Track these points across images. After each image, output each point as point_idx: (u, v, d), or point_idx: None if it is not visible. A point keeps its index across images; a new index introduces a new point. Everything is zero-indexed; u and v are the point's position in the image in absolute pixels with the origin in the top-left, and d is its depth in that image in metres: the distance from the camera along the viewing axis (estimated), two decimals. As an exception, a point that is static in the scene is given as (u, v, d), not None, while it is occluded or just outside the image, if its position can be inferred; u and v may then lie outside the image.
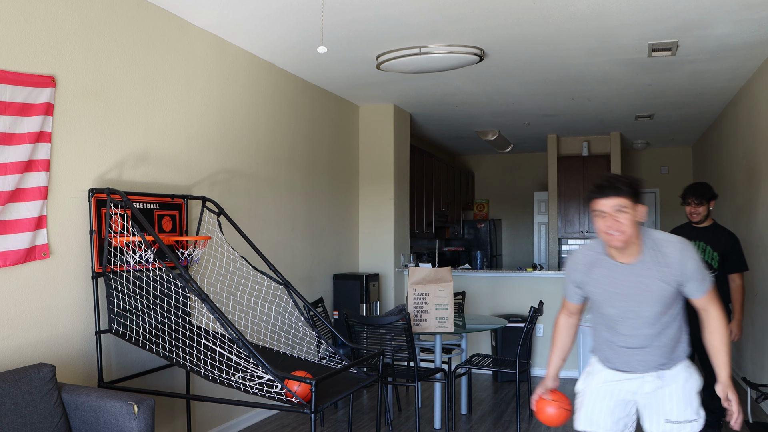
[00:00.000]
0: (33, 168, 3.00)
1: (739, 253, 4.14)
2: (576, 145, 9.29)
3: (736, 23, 4.15)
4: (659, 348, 2.42)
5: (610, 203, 2.25)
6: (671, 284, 2.32)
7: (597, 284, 2.43)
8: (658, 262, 2.32)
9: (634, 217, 2.26)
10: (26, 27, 2.99)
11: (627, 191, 2.25)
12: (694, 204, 4.19)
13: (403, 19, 4.10)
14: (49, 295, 3.10)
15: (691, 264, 2.30)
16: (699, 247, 4.20)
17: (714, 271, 4.11)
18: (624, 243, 2.26)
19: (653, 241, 2.34)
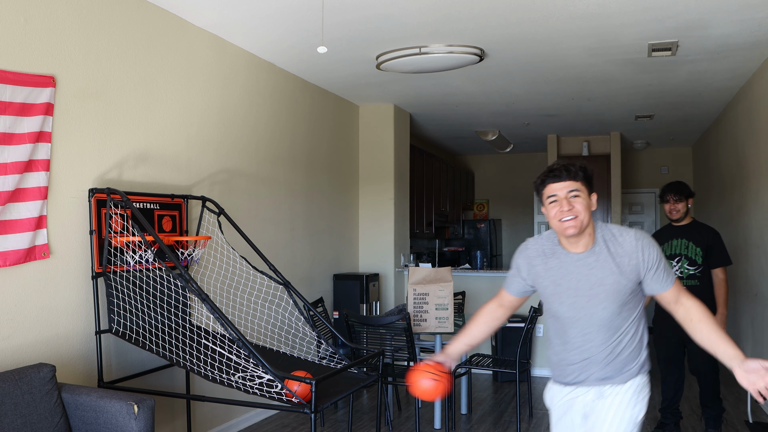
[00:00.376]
0: (33, 168, 3.00)
1: (721, 247, 4.20)
2: (576, 145, 9.29)
3: (736, 23, 4.15)
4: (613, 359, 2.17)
5: (564, 187, 2.10)
6: (628, 277, 2.11)
7: (546, 277, 2.23)
8: (612, 251, 2.13)
9: (588, 203, 2.12)
10: (26, 27, 2.99)
11: (581, 175, 2.12)
12: (674, 201, 4.25)
13: (403, 19, 4.10)
14: (49, 295, 3.10)
15: (650, 251, 2.11)
16: (681, 244, 4.26)
17: (698, 267, 4.18)
18: (578, 230, 2.09)
19: (608, 231, 2.17)
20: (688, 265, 4.22)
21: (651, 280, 2.13)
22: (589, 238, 2.15)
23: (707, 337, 2.05)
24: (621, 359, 2.18)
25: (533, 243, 2.29)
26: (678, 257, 4.26)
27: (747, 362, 1.91)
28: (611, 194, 8.90)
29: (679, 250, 4.28)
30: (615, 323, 2.16)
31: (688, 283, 4.19)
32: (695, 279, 4.19)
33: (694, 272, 4.20)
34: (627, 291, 2.12)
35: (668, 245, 4.33)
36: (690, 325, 2.11)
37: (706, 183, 8.33)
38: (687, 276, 4.21)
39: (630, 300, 2.15)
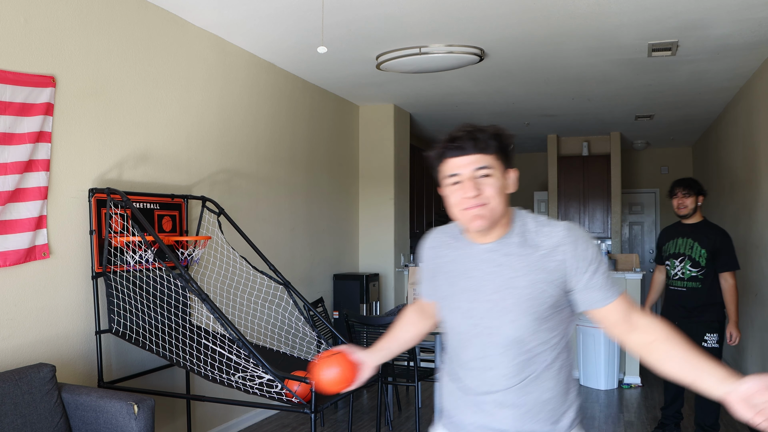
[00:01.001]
0: (33, 168, 3.00)
1: (729, 251, 4.01)
2: (576, 145, 9.29)
3: (736, 23, 4.15)
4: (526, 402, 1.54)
5: (469, 163, 1.52)
6: (550, 280, 1.52)
7: (444, 274, 1.68)
8: (532, 243, 1.56)
9: (503, 184, 1.55)
10: (26, 27, 2.99)
11: (493, 146, 1.53)
12: (681, 195, 4.09)
13: (403, 19, 4.10)
14: (49, 295, 3.10)
15: (584, 248, 1.52)
16: (686, 244, 4.09)
17: (701, 269, 4.03)
18: (488, 222, 1.53)
19: (530, 218, 1.61)
20: (690, 267, 4.08)
21: (585, 289, 1.53)
22: (503, 225, 1.59)
23: (684, 362, 1.42)
24: (540, 403, 1.55)
25: (439, 231, 1.78)
26: (681, 257, 4.12)
27: (744, 383, 1.31)
28: (611, 194, 8.90)
29: (683, 250, 4.13)
30: (528, 346, 1.54)
31: (689, 284, 4.07)
32: (697, 281, 4.05)
33: (696, 274, 4.06)
34: (547, 301, 1.53)
35: (673, 243, 4.20)
36: (654, 349, 1.48)
37: (706, 183, 8.32)
38: (688, 277, 4.08)
39: (551, 315, 1.54)
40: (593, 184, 9.01)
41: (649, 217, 9.91)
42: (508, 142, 1.57)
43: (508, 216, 1.59)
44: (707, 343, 3.97)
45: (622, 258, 6.77)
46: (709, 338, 3.98)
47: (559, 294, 1.53)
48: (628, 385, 5.99)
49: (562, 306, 1.56)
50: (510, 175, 1.58)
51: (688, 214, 4.12)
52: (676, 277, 4.16)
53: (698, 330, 4.00)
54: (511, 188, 1.58)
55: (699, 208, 4.14)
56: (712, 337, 3.97)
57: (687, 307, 4.05)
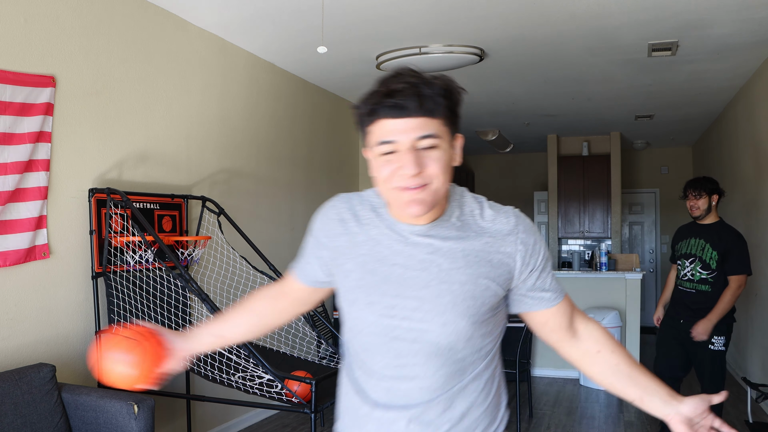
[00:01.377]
0: (33, 168, 3.00)
1: (740, 253, 3.86)
2: (576, 145, 9.29)
3: (736, 23, 4.15)
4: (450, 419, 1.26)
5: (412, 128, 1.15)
6: (495, 277, 1.24)
7: (352, 256, 1.30)
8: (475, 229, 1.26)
9: (450, 158, 1.20)
10: (26, 27, 2.99)
11: (442, 107, 1.17)
12: (693, 197, 3.97)
13: (403, 19, 4.10)
14: (49, 295, 3.10)
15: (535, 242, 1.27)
16: (698, 245, 3.98)
17: (712, 272, 3.89)
18: (428, 207, 1.19)
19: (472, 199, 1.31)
20: (700, 269, 3.95)
21: (531, 290, 1.28)
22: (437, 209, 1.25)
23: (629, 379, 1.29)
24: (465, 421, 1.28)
25: (350, 199, 1.39)
26: (692, 258, 4.00)
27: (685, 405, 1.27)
28: (611, 194, 8.90)
29: (694, 251, 4.00)
30: (459, 355, 1.25)
31: (698, 287, 3.95)
32: (707, 284, 3.92)
33: (706, 276, 3.92)
34: (489, 301, 1.24)
35: (685, 243, 4.08)
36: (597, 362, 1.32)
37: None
38: (698, 280, 3.95)
39: (489, 319, 1.27)
40: (593, 184, 9.01)
41: (649, 217, 9.91)
42: (458, 99, 1.21)
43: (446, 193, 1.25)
44: (714, 345, 3.91)
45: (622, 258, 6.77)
46: (716, 341, 3.92)
47: (501, 293, 1.26)
48: (628, 385, 5.98)
49: (500, 307, 1.30)
50: (457, 144, 1.24)
51: (701, 215, 3.99)
52: (685, 278, 4.05)
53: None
54: (458, 160, 1.24)
55: (714, 208, 4.00)
56: (719, 340, 3.92)
57: (693, 309, 3.98)
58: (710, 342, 3.91)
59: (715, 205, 4.00)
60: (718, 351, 3.93)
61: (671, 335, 4.10)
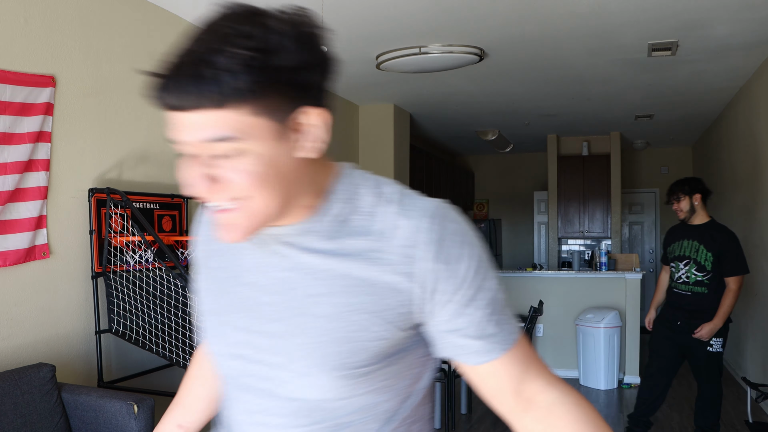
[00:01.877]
0: (33, 168, 3.00)
1: (735, 253, 3.83)
2: (576, 145, 9.29)
3: (736, 23, 4.15)
4: None
5: (193, 127, 0.79)
6: (380, 312, 0.83)
7: (206, 272, 0.97)
8: (359, 234, 0.86)
9: (277, 159, 0.80)
10: (26, 27, 2.99)
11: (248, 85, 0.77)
12: (674, 200, 3.97)
13: (403, 19, 4.10)
14: (49, 295, 3.10)
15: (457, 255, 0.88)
16: (692, 247, 3.92)
17: (707, 274, 3.86)
18: (246, 233, 0.81)
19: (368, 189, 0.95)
20: (696, 271, 3.91)
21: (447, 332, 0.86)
22: (312, 198, 0.88)
23: None
24: None
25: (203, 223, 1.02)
26: (687, 260, 3.95)
27: None
28: (611, 194, 8.90)
29: (688, 253, 3.95)
30: (339, 418, 0.85)
31: (694, 289, 3.92)
32: (703, 286, 3.88)
33: (702, 278, 3.88)
34: (370, 347, 0.83)
35: (678, 245, 4.04)
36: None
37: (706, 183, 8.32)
38: (693, 282, 3.92)
39: (380, 370, 0.85)
40: (593, 184, 9.01)
41: (649, 217, 9.92)
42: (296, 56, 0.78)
43: (324, 182, 0.90)
44: (713, 347, 3.89)
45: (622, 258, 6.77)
46: (714, 342, 3.88)
47: (395, 335, 0.83)
48: (628, 385, 5.99)
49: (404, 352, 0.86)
50: (307, 124, 0.81)
51: (687, 217, 3.99)
52: (680, 281, 4.01)
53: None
54: (311, 148, 0.82)
55: (701, 207, 3.98)
56: (717, 342, 3.88)
57: (690, 311, 3.94)
58: (708, 344, 3.88)
59: (699, 204, 3.96)
60: (716, 353, 3.90)
61: (665, 336, 4.07)
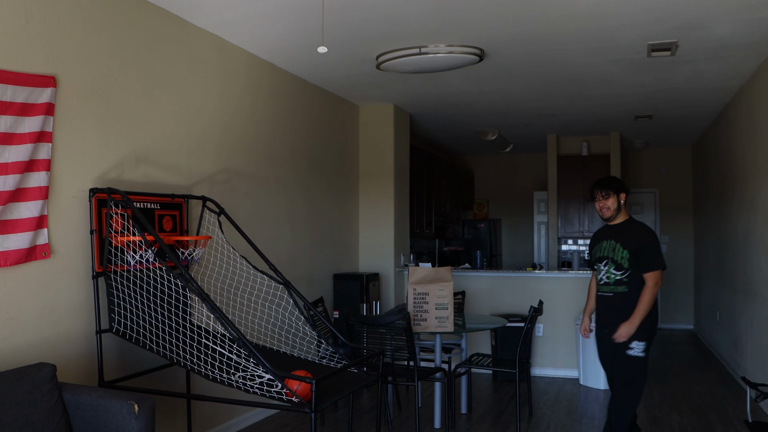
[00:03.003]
0: (34, 168, 3.00)
1: (652, 249, 3.74)
2: (576, 145, 9.29)
3: (736, 23, 4.16)
4: None
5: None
6: None
7: None
8: None
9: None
10: (27, 27, 2.99)
11: None
12: (601, 197, 3.87)
13: (403, 19, 4.11)
14: (49, 294, 3.11)
15: None
16: (610, 246, 3.87)
17: (625, 272, 3.78)
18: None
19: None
20: (614, 270, 3.82)
21: None
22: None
23: None
24: None
25: None
26: (606, 260, 3.87)
27: None
28: (611, 194, 8.88)
29: (606, 253, 3.88)
30: None
31: (616, 289, 3.83)
32: (623, 285, 3.80)
33: (621, 277, 3.80)
34: None
35: (599, 247, 3.96)
36: None
37: (706, 183, 8.33)
38: (614, 282, 3.83)
39: None
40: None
41: (649, 217, 9.92)
42: None
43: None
44: (632, 350, 3.74)
45: (621, 258, 6.76)
46: (635, 345, 3.74)
47: None
48: (628, 385, 5.99)
49: None
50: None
51: (612, 216, 3.90)
52: (602, 282, 3.93)
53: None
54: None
55: (623, 207, 3.91)
56: (638, 345, 3.74)
57: (615, 313, 3.82)
58: (628, 347, 3.74)
59: (623, 203, 3.90)
60: (636, 357, 3.75)
61: (605, 345, 3.94)
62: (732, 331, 6.54)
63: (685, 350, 8.02)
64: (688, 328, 9.60)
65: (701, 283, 8.87)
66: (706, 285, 8.40)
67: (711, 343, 7.96)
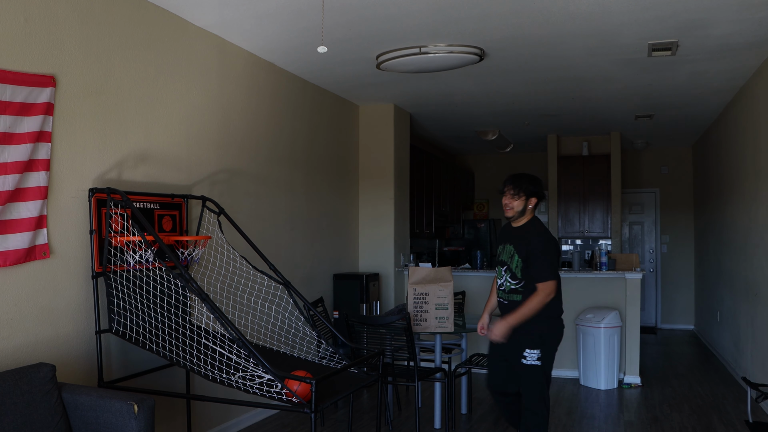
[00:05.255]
0: (33, 168, 3.00)
1: (544, 259, 3.49)
2: (576, 145, 9.29)
3: (736, 23, 4.15)
4: None
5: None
6: None
7: None
8: None
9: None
10: (26, 27, 2.99)
11: None
12: (510, 194, 3.58)
13: (403, 19, 4.10)
14: (49, 294, 3.10)
15: None
16: (509, 252, 3.64)
17: (519, 281, 3.57)
18: None
19: None
20: (510, 278, 3.62)
21: None
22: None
23: None
24: None
25: None
26: (506, 266, 3.64)
27: None
28: (611, 194, 8.90)
29: (505, 258, 3.65)
30: None
31: (510, 297, 3.63)
32: (518, 293, 3.59)
33: (515, 287, 3.59)
34: None
35: (502, 248, 3.72)
36: None
37: (707, 183, 8.33)
38: (509, 290, 3.63)
39: None
40: (593, 184, 9.01)
41: (649, 217, 9.92)
42: None
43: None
44: (526, 360, 3.55)
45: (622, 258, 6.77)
46: (528, 354, 3.54)
47: None
48: (628, 385, 5.99)
49: None
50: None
51: (514, 217, 3.64)
52: (501, 288, 3.72)
53: (518, 344, 3.57)
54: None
55: (529, 210, 3.63)
56: (532, 354, 3.54)
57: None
58: (522, 356, 3.56)
59: (531, 208, 3.62)
60: (533, 366, 3.55)
61: (496, 349, 3.76)
62: (732, 331, 6.54)
63: (686, 350, 8.02)
64: (689, 329, 9.59)
65: (702, 283, 8.87)
66: (707, 285, 8.40)
67: (711, 343, 7.95)
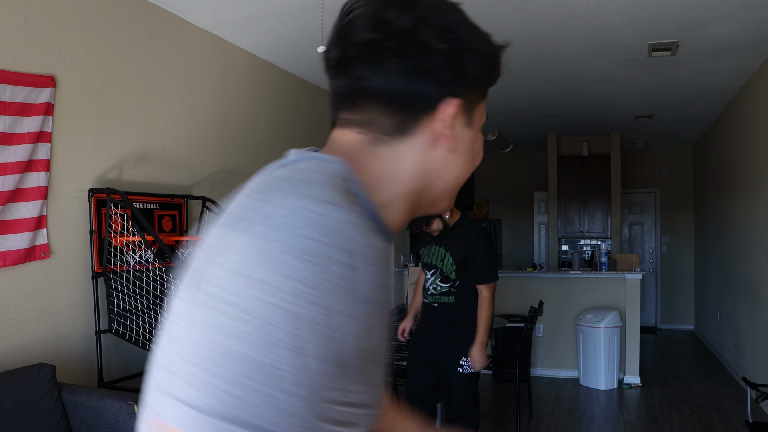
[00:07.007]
0: (33, 168, 3.00)
1: (485, 258, 3.37)
2: (576, 145, 9.28)
3: (736, 23, 4.15)
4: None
5: None
6: None
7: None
8: None
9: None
10: (26, 27, 2.99)
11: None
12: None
13: (403, 19, 4.10)
14: (49, 295, 3.10)
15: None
16: (438, 254, 3.48)
17: (452, 283, 3.44)
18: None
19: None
20: (440, 282, 3.48)
21: None
22: None
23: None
24: None
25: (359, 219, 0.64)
26: (434, 269, 3.50)
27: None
28: (611, 194, 8.89)
29: (435, 261, 3.50)
30: None
31: (441, 299, 3.50)
32: (450, 295, 3.45)
33: (447, 289, 3.46)
34: None
35: (427, 250, 3.58)
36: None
37: (707, 183, 8.33)
38: (439, 292, 3.50)
39: None
40: (593, 184, 9.01)
41: (649, 217, 9.91)
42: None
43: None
44: (463, 368, 3.45)
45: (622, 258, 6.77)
46: (465, 363, 3.44)
47: None
48: (628, 385, 5.99)
49: None
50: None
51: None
52: (428, 291, 3.58)
53: (454, 352, 3.46)
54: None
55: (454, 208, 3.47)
56: (468, 362, 3.44)
57: (440, 324, 3.51)
58: (459, 365, 3.44)
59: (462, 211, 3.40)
60: (470, 374, 3.47)
61: (420, 354, 3.62)
62: (733, 331, 6.54)
63: (686, 351, 8.02)
64: (689, 329, 9.59)
65: (702, 283, 8.87)
66: (707, 285, 8.40)
67: (712, 343, 7.95)
